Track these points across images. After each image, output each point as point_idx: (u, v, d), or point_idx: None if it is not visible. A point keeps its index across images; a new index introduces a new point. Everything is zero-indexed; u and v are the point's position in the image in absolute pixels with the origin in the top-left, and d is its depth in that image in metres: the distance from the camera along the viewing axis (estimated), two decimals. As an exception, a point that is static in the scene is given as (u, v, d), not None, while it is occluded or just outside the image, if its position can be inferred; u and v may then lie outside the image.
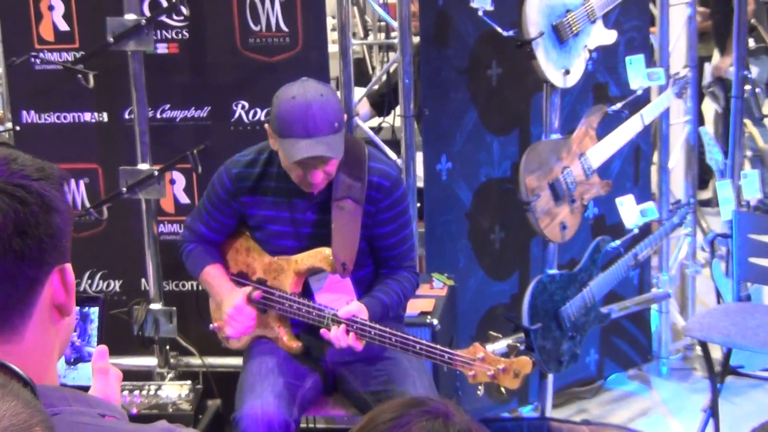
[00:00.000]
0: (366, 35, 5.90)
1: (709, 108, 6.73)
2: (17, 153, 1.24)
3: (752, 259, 4.04)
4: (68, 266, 1.28)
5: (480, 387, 2.93)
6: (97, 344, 1.76)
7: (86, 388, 1.42)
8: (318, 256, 3.02)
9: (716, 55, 6.13)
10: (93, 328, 1.83)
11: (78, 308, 1.65)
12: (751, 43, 4.90)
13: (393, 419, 1.30)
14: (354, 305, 2.95)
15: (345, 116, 2.94)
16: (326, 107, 2.82)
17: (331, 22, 4.01)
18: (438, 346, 2.90)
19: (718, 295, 4.61)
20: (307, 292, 3.09)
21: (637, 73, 4.02)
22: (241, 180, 3.05)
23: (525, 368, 2.89)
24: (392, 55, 4.31)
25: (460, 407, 1.36)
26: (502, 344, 3.65)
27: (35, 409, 0.98)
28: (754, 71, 4.58)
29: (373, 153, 3.10)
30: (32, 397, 0.99)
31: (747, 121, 4.81)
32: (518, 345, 2.99)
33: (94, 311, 1.75)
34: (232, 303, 3.06)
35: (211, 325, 3.31)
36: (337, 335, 2.91)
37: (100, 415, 1.27)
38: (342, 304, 3.02)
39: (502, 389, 2.90)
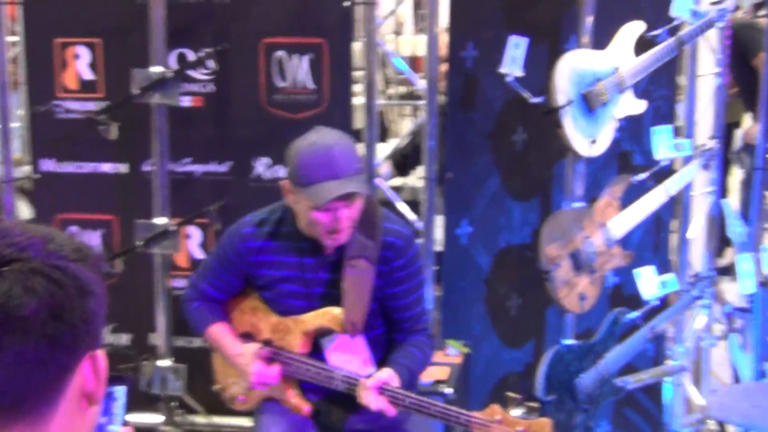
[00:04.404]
0: (386, 86, 5.87)
1: (736, 174, 6.67)
2: (54, 232, 1.20)
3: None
4: (100, 353, 1.23)
5: None
6: (123, 425, 1.71)
7: None
8: (327, 316, 2.97)
9: (747, 121, 6.10)
10: (118, 407, 1.77)
11: None
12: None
13: None
14: (385, 373, 2.88)
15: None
16: (347, 149, 2.83)
17: (354, 74, 3.98)
18: (453, 408, 2.84)
19: (734, 369, 4.55)
20: (318, 354, 3.03)
21: (662, 143, 3.97)
22: (252, 240, 3.01)
23: (544, 429, 2.79)
24: (412, 110, 4.26)
25: None
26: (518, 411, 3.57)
27: None
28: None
29: (387, 213, 3.06)
30: None
31: (768, 193, 4.76)
32: (537, 406, 2.90)
33: (119, 390, 1.69)
34: (253, 370, 2.99)
35: (215, 386, 3.25)
36: (370, 398, 2.83)
37: None
38: (356, 364, 2.98)
39: None
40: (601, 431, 4.43)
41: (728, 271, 6.07)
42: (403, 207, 3.88)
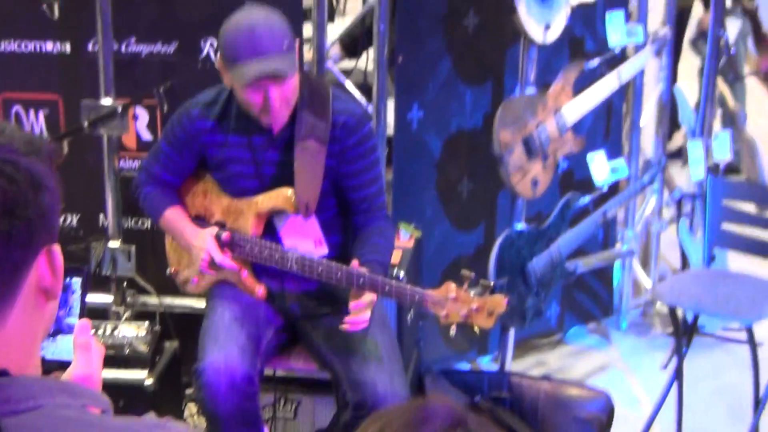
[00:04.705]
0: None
1: (691, 62, 6.64)
2: (4, 124, 1.15)
3: (724, 225, 4.02)
4: (56, 247, 1.20)
5: (453, 327, 2.84)
6: (80, 316, 1.68)
7: (66, 363, 1.36)
8: (279, 197, 2.95)
9: (699, 7, 6.06)
10: (75, 299, 1.73)
11: None
12: (728, 1, 4.83)
13: None
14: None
15: (297, 40, 2.84)
16: (272, 27, 2.75)
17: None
18: (409, 286, 2.83)
19: (683, 254, 4.61)
20: (271, 235, 3.02)
21: (615, 29, 3.94)
22: (201, 120, 2.97)
23: (499, 307, 2.79)
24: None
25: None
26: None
27: None
28: (732, 31, 4.51)
29: (337, 93, 3.02)
30: None
31: (719, 80, 4.76)
32: (491, 284, 2.87)
33: (76, 281, 1.66)
34: (204, 247, 2.98)
35: (168, 270, 3.23)
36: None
37: (83, 406, 1.21)
38: (308, 246, 2.96)
39: (476, 329, 2.82)
40: (550, 312, 4.50)
41: (678, 154, 6.11)
42: (353, 90, 3.84)
